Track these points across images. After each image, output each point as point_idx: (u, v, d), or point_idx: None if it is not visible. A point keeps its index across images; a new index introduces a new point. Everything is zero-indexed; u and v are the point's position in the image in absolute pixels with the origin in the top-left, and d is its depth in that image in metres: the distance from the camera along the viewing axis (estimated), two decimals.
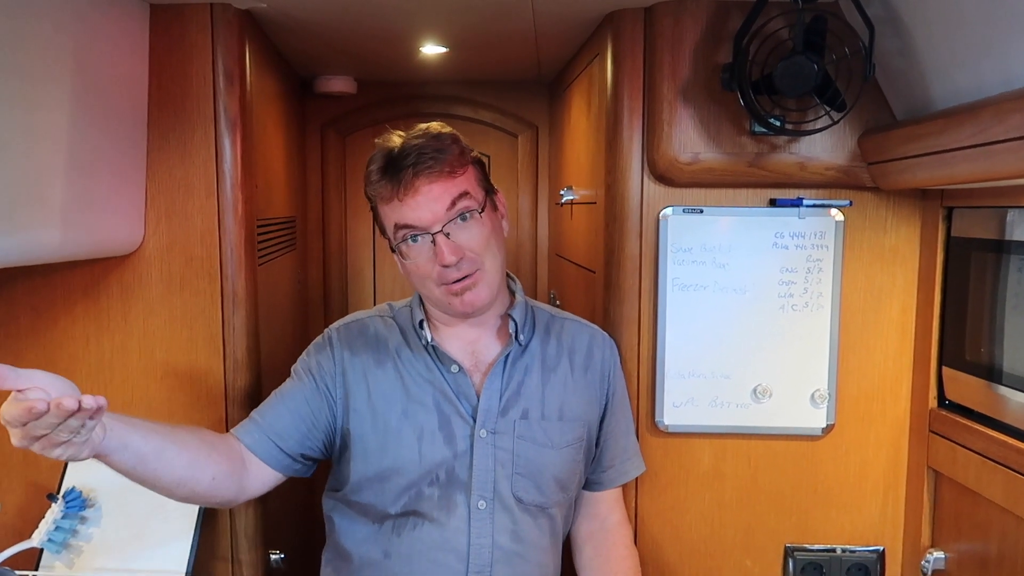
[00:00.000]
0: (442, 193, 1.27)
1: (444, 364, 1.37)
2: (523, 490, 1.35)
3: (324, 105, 2.74)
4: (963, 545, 1.48)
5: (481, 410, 1.34)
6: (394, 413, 1.35)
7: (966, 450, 1.42)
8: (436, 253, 1.27)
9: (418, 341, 1.39)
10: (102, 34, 1.39)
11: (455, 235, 1.27)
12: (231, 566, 1.65)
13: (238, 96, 1.59)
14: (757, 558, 1.66)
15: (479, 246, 1.30)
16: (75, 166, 1.33)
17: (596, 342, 1.49)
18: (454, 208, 1.27)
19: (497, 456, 1.34)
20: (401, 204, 1.27)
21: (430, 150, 1.27)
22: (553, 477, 1.38)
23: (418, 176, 1.26)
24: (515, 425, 1.36)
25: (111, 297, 1.61)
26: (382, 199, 1.31)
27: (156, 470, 1.16)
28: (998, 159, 1.13)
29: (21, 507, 1.62)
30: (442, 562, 1.31)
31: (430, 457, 1.32)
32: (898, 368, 1.61)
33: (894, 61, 1.41)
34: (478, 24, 1.84)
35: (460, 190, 1.28)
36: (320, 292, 2.85)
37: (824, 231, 1.58)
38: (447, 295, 1.31)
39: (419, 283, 1.35)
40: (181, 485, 1.21)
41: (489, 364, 1.39)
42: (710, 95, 1.53)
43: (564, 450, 1.39)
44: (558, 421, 1.39)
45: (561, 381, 1.42)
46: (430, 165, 1.26)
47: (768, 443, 1.63)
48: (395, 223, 1.30)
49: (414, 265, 1.31)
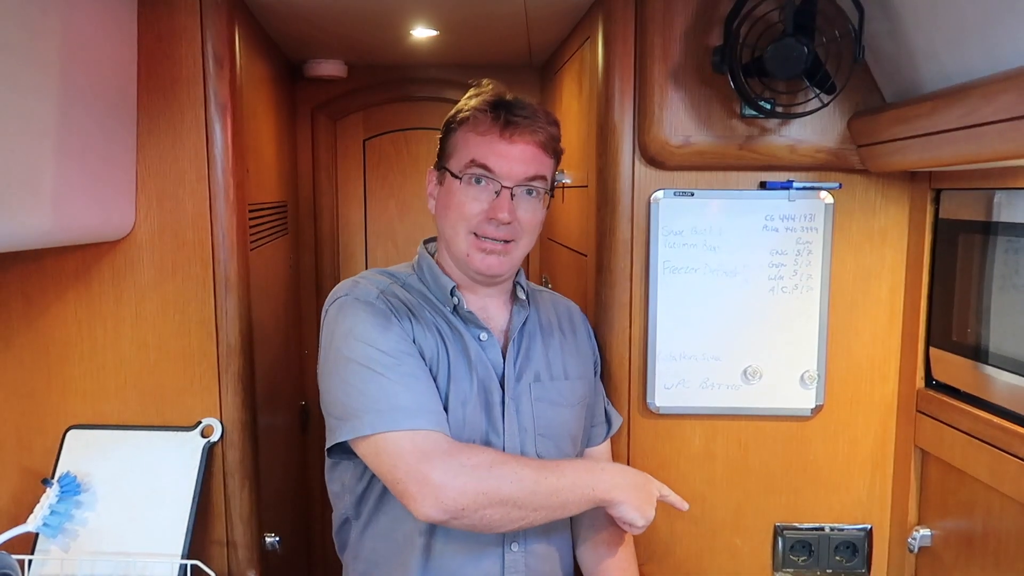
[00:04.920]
0: (532, 159, 1.30)
1: (473, 331, 1.36)
2: (545, 450, 1.37)
3: (314, 89, 2.73)
4: (949, 522, 1.50)
5: (506, 376, 1.36)
6: (442, 378, 1.32)
7: (953, 429, 1.44)
8: (494, 205, 1.28)
9: (441, 307, 1.36)
10: (89, 18, 1.38)
11: (517, 202, 1.30)
12: (227, 549, 1.66)
13: (228, 80, 1.58)
14: (747, 537, 1.68)
15: (528, 224, 1.33)
16: (64, 151, 1.32)
17: (573, 310, 1.57)
18: (531, 181, 1.31)
19: (520, 421, 1.36)
20: (495, 142, 1.28)
21: (542, 118, 1.31)
22: (569, 435, 1.42)
23: (523, 131, 1.29)
24: (530, 388, 1.38)
25: (103, 282, 1.60)
26: (475, 128, 1.30)
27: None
28: (986, 141, 1.14)
29: (15, 492, 1.62)
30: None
31: (472, 426, 1.32)
32: (886, 349, 1.63)
33: (883, 43, 1.41)
34: (468, 6, 1.83)
35: (543, 170, 1.33)
36: (312, 276, 2.85)
37: (814, 213, 1.59)
38: (473, 247, 1.31)
39: (451, 224, 1.32)
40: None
41: (497, 331, 1.40)
42: (701, 78, 1.53)
43: (575, 407, 1.43)
44: (565, 380, 1.43)
45: (559, 344, 1.46)
46: (537, 131, 1.30)
47: (758, 424, 1.65)
48: (473, 158, 1.29)
49: (460, 203, 1.30)
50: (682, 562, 1.69)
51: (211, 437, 1.61)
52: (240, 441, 1.64)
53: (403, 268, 1.45)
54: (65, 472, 1.54)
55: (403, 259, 1.51)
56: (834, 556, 1.67)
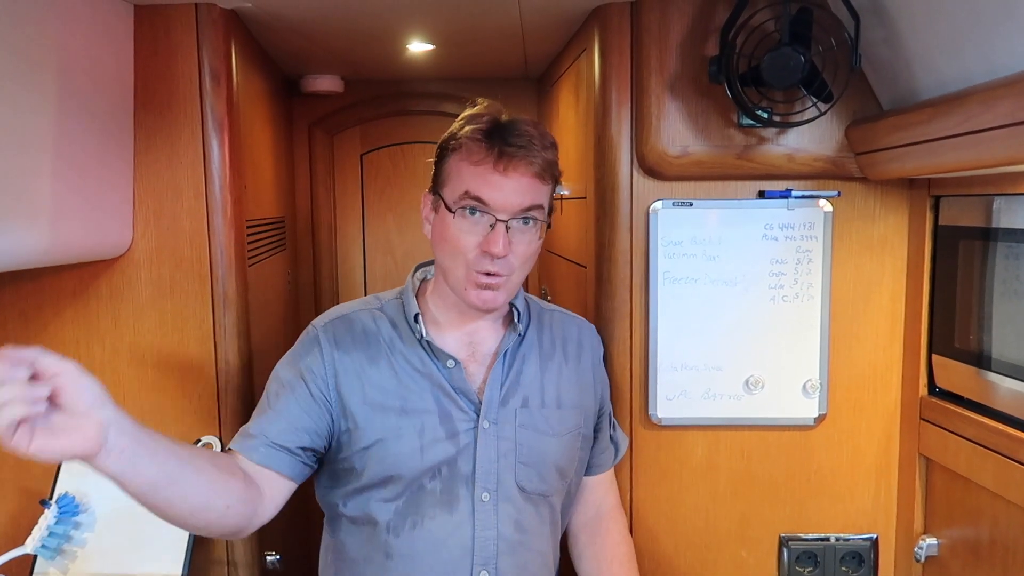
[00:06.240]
0: (528, 189, 1.25)
1: (439, 359, 1.35)
2: (526, 479, 1.34)
3: (311, 104, 2.73)
4: (955, 531, 1.49)
5: (485, 401, 1.33)
6: (392, 411, 1.31)
7: (957, 437, 1.43)
8: (488, 238, 1.24)
9: (411, 335, 1.36)
10: (85, 36, 1.38)
11: (512, 234, 1.26)
12: (227, 568, 1.65)
13: (225, 97, 1.58)
14: (752, 548, 1.67)
15: (522, 256, 1.28)
16: (61, 169, 1.32)
17: (584, 332, 1.51)
18: (527, 211, 1.26)
19: (500, 446, 1.33)
20: (489, 174, 1.23)
21: (539, 145, 1.25)
22: (554, 465, 1.38)
23: (519, 162, 1.23)
24: (516, 414, 1.35)
25: (100, 301, 1.60)
26: (469, 158, 1.26)
27: (169, 498, 1.07)
28: (985, 147, 1.14)
29: (13, 514, 1.61)
30: (446, 558, 1.30)
31: (432, 453, 1.30)
32: (888, 357, 1.63)
33: (880, 51, 1.41)
34: (464, 20, 1.83)
35: (539, 199, 1.27)
36: (311, 292, 2.85)
37: (813, 222, 1.58)
38: (469, 282, 1.28)
39: (448, 256, 1.30)
40: (194, 515, 1.12)
41: (488, 354, 1.38)
42: (698, 88, 1.53)
43: (564, 438, 1.40)
44: (557, 409, 1.39)
45: (557, 369, 1.42)
46: (533, 161, 1.24)
47: (761, 434, 1.64)
48: (467, 190, 1.24)
49: (455, 237, 1.27)
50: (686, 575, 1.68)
51: None
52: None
53: (393, 293, 1.45)
54: (63, 493, 1.53)
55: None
56: (840, 566, 1.65)
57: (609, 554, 1.49)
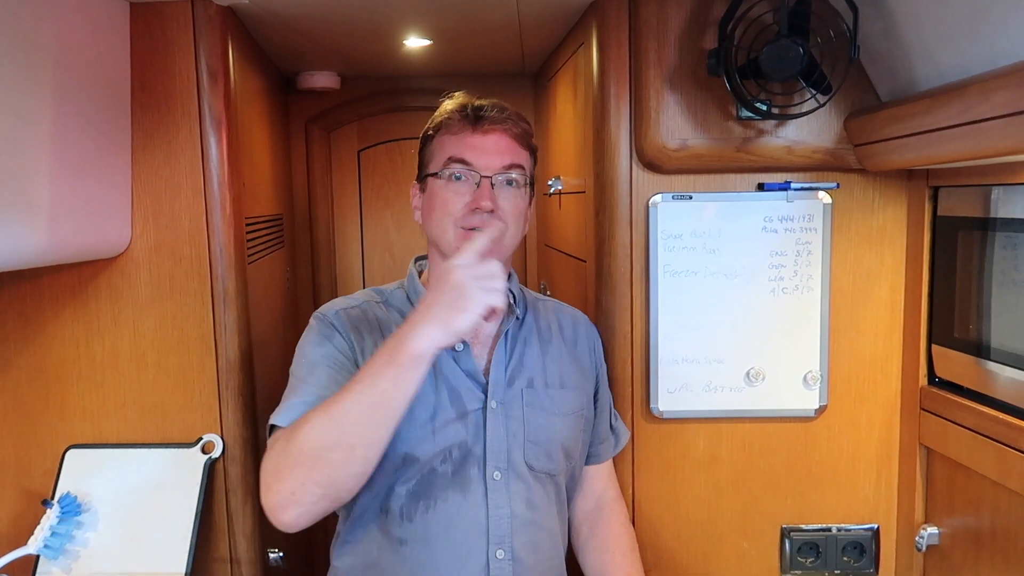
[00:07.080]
0: (507, 149, 1.34)
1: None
2: (534, 457, 1.36)
3: (308, 101, 2.72)
4: (956, 520, 1.50)
5: (491, 382, 1.36)
6: None
7: (957, 426, 1.44)
8: (475, 195, 1.31)
9: None
10: (81, 34, 1.38)
11: (497, 192, 1.32)
12: (230, 566, 1.65)
13: (222, 94, 1.58)
14: (754, 540, 1.67)
15: (511, 212, 1.34)
16: (60, 168, 1.32)
17: (579, 321, 1.55)
18: (509, 170, 1.33)
19: (508, 426, 1.35)
20: (469, 137, 1.33)
21: (512, 115, 1.36)
22: (560, 444, 1.40)
23: (495, 124, 1.33)
24: (522, 394, 1.38)
25: (100, 300, 1.59)
26: (449, 130, 1.35)
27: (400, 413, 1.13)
28: (984, 137, 1.14)
29: (15, 514, 1.61)
30: (462, 540, 1.30)
31: (444, 435, 1.32)
32: (888, 347, 1.63)
33: (878, 42, 1.41)
34: (461, 15, 1.83)
35: (520, 160, 1.36)
36: (309, 289, 2.84)
37: (812, 214, 1.59)
38: (461, 239, 1.30)
39: (437, 222, 1.34)
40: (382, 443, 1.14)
41: (490, 336, 1.40)
42: (696, 81, 1.53)
43: (569, 417, 1.42)
44: (560, 389, 1.43)
45: (557, 352, 1.46)
46: (508, 126, 1.34)
47: (762, 426, 1.65)
48: (450, 155, 1.33)
49: (443, 201, 1.33)
50: (689, 567, 1.68)
51: (212, 453, 1.60)
52: (242, 457, 1.63)
53: (394, 284, 1.48)
54: (65, 493, 1.53)
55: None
56: (842, 557, 1.66)
57: (611, 545, 1.50)
